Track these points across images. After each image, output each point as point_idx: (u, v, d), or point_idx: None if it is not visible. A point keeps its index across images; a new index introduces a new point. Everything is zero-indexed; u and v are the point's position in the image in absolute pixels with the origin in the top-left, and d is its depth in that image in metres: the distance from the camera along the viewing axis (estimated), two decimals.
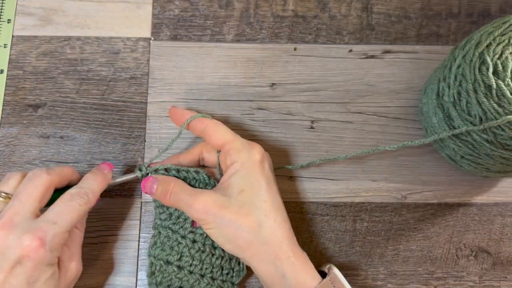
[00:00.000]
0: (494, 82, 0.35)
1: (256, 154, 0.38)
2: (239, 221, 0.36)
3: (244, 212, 0.36)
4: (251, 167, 0.38)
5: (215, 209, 0.36)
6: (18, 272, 0.33)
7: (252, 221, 0.36)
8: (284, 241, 0.36)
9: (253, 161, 0.38)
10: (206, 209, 0.36)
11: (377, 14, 0.50)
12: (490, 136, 0.36)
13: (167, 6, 0.49)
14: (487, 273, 0.44)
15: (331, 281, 0.36)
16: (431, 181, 0.46)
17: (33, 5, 0.48)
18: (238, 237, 0.36)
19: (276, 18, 0.49)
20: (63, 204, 0.36)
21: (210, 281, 0.40)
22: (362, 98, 0.47)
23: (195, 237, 0.40)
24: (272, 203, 0.37)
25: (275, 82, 0.48)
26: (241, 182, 0.37)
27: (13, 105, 0.46)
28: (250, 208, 0.36)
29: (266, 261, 0.36)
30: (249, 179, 0.37)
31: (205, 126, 0.40)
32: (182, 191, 0.38)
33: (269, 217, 0.36)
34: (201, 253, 0.40)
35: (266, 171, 0.38)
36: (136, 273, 0.43)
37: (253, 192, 0.37)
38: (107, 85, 0.47)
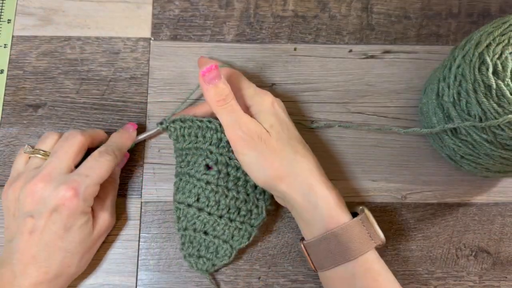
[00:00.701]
0: (494, 82, 0.35)
1: (268, 97, 0.40)
2: (278, 152, 0.38)
3: (281, 145, 0.38)
4: (268, 107, 0.40)
5: (262, 135, 0.38)
6: (56, 219, 0.37)
7: (287, 154, 0.38)
8: (316, 173, 0.38)
9: (267, 104, 0.40)
10: (255, 131, 0.38)
11: (377, 14, 0.50)
12: (490, 136, 0.36)
13: (167, 6, 0.49)
14: (487, 273, 0.44)
15: (362, 220, 0.37)
16: (431, 181, 0.46)
17: (33, 5, 0.48)
18: (275, 166, 0.37)
19: (276, 18, 0.49)
20: (93, 160, 0.39)
21: (228, 222, 0.41)
22: (362, 98, 0.47)
23: (208, 178, 0.41)
24: (297, 139, 0.40)
25: (275, 82, 0.48)
26: (268, 118, 0.39)
27: (13, 105, 0.46)
28: (284, 143, 0.38)
29: (301, 192, 0.37)
30: (269, 119, 0.39)
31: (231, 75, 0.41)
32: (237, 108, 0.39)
33: (299, 153, 0.38)
34: (215, 194, 0.41)
35: (278, 112, 0.40)
36: (136, 273, 0.43)
37: (280, 129, 0.39)
38: (107, 85, 0.47)
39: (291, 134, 0.39)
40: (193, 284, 0.43)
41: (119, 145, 0.42)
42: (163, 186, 0.45)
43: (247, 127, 0.38)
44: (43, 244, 0.37)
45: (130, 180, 0.45)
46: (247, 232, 0.42)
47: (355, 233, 0.36)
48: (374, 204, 0.45)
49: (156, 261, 0.43)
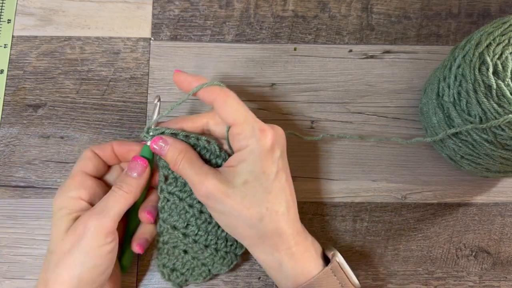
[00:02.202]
0: (494, 82, 0.35)
1: (267, 141, 0.35)
2: (240, 212, 0.35)
3: (246, 204, 0.35)
4: (259, 156, 0.35)
5: (217, 195, 0.35)
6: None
7: (252, 214, 0.35)
8: (285, 232, 0.36)
9: (262, 150, 0.35)
10: (208, 195, 0.35)
11: (377, 14, 0.50)
12: (490, 136, 0.36)
13: (167, 6, 0.49)
14: (487, 273, 0.44)
15: (332, 269, 0.36)
16: (431, 181, 0.46)
17: (33, 5, 0.48)
18: (238, 226, 0.36)
19: (276, 18, 0.49)
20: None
21: (214, 252, 0.39)
22: (362, 98, 0.47)
23: (202, 207, 0.39)
24: (277, 194, 0.36)
25: (275, 82, 0.48)
26: (246, 173, 0.35)
27: (13, 105, 0.46)
28: (252, 201, 0.35)
29: (265, 251, 0.36)
30: (256, 170, 0.35)
31: (214, 99, 0.36)
32: (190, 166, 0.36)
33: (271, 210, 0.35)
34: (208, 224, 0.39)
35: (276, 159, 0.36)
36: (136, 273, 0.43)
37: (258, 184, 0.35)
38: (107, 85, 0.47)
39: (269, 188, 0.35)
40: (193, 285, 0.43)
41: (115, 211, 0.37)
42: None
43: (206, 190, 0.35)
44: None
45: None
46: (230, 261, 0.40)
47: (325, 286, 0.35)
48: (374, 204, 0.45)
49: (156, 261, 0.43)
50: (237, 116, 0.36)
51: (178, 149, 0.37)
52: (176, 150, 0.37)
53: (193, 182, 0.36)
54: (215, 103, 0.36)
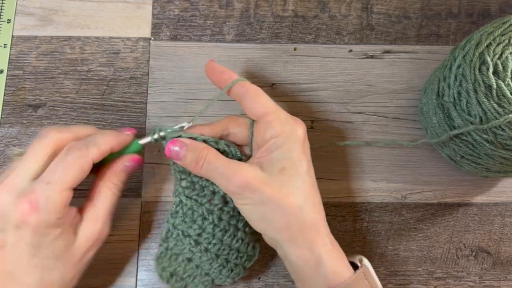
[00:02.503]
0: (494, 82, 0.35)
1: (300, 130, 0.35)
2: (280, 201, 0.33)
3: (285, 192, 0.33)
4: (293, 143, 0.34)
5: (255, 184, 0.33)
6: (22, 235, 0.32)
7: (293, 202, 0.33)
8: (322, 225, 0.35)
9: (297, 137, 0.34)
10: (245, 183, 0.33)
11: (377, 14, 0.50)
12: (490, 136, 0.36)
13: (167, 6, 0.49)
14: (487, 273, 0.44)
15: (364, 273, 0.35)
16: (431, 181, 0.46)
17: (33, 5, 0.48)
18: (276, 217, 0.34)
19: (276, 18, 0.49)
20: (58, 161, 0.33)
21: (224, 262, 0.38)
22: (362, 98, 0.47)
23: (222, 215, 0.37)
24: (311, 185, 0.35)
25: (275, 82, 0.48)
26: (283, 159, 0.34)
27: (13, 105, 0.46)
28: (292, 189, 0.34)
29: (303, 245, 0.34)
30: (291, 157, 0.34)
31: (245, 91, 0.36)
32: (217, 160, 0.34)
33: (308, 199, 0.34)
34: (224, 233, 0.37)
35: (307, 150, 0.36)
36: (136, 273, 0.43)
37: (294, 172, 0.34)
38: (107, 85, 0.47)
39: (304, 178, 0.35)
40: None
41: (97, 140, 0.35)
42: (163, 186, 0.44)
43: (242, 178, 0.33)
44: (15, 260, 0.32)
45: (130, 180, 0.45)
46: (237, 274, 0.39)
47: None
48: (374, 204, 0.45)
49: None
50: (269, 105, 0.35)
51: (199, 147, 0.35)
52: (197, 149, 0.35)
53: (225, 173, 0.34)
54: (247, 95, 0.36)
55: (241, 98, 0.36)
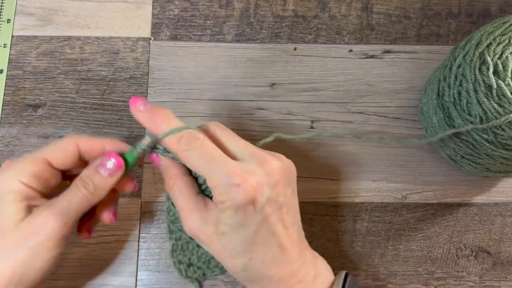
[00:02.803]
0: (494, 82, 0.35)
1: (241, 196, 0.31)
2: (223, 259, 0.34)
3: (227, 254, 0.33)
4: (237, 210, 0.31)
5: (200, 237, 0.33)
6: None
7: (236, 264, 0.33)
8: (274, 277, 0.33)
9: (238, 205, 0.31)
10: (192, 233, 0.34)
11: (377, 14, 0.50)
12: (491, 136, 0.36)
13: (167, 6, 0.49)
14: (487, 273, 0.44)
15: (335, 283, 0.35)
16: (431, 181, 0.46)
17: (33, 5, 0.48)
18: (225, 267, 0.35)
19: (276, 18, 0.49)
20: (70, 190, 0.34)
21: None
22: (362, 98, 0.47)
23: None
24: (264, 242, 0.33)
25: (275, 82, 0.48)
26: (225, 224, 0.32)
27: (13, 105, 0.46)
28: (233, 252, 0.33)
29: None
30: (234, 223, 0.32)
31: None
32: (179, 195, 0.34)
33: (255, 259, 0.33)
34: None
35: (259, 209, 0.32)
36: (136, 273, 0.43)
37: (237, 237, 0.32)
38: (107, 85, 0.47)
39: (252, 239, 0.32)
40: (193, 285, 0.43)
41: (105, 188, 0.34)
42: (163, 186, 0.44)
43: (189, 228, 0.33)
44: None
45: None
46: None
47: None
48: (374, 204, 0.45)
49: (156, 261, 0.43)
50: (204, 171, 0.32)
51: (169, 174, 0.35)
52: (168, 174, 0.35)
53: (181, 214, 0.34)
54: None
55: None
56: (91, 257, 0.42)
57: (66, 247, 0.34)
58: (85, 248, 0.43)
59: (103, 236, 0.43)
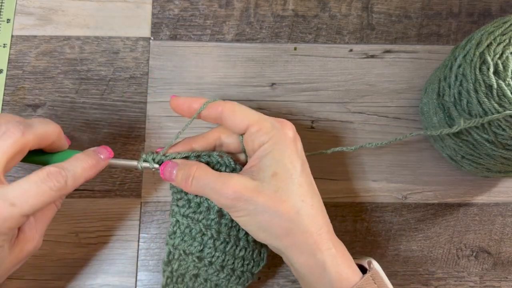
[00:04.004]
0: (494, 82, 0.35)
1: (288, 131, 0.34)
2: (275, 207, 0.32)
3: (280, 197, 0.32)
4: (283, 146, 0.33)
5: (247, 195, 0.32)
6: None
7: (289, 208, 0.32)
8: (324, 229, 0.34)
9: (286, 139, 0.34)
10: (237, 195, 0.32)
11: (377, 13, 0.50)
12: (491, 136, 0.36)
13: (167, 5, 0.49)
14: (488, 273, 0.44)
15: (373, 277, 0.34)
16: (431, 181, 0.46)
17: (32, 4, 0.48)
18: (274, 225, 0.33)
19: (276, 17, 0.49)
20: (33, 184, 0.31)
21: (230, 272, 0.37)
22: (362, 98, 0.47)
23: (221, 228, 0.37)
24: (308, 187, 0.34)
25: (275, 82, 0.47)
26: (273, 164, 0.33)
27: (13, 105, 0.46)
28: (286, 193, 0.33)
29: (306, 251, 0.33)
30: (282, 161, 0.33)
31: (222, 110, 0.35)
32: (206, 175, 0.34)
33: (306, 202, 0.33)
34: (226, 245, 0.37)
35: (299, 151, 0.34)
36: (136, 273, 0.43)
37: (287, 175, 0.33)
38: (107, 85, 0.47)
39: (300, 180, 0.34)
40: None
41: (76, 172, 0.33)
42: (163, 186, 0.44)
43: (233, 190, 0.32)
44: None
45: (130, 180, 0.44)
46: (246, 280, 0.38)
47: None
48: (375, 204, 0.45)
49: (156, 262, 0.43)
50: (250, 117, 0.34)
51: (188, 166, 0.35)
52: (186, 166, 0.35)
53: (216, 187, 0.33)
54: (224, 114, 0.35)
55: (220, 119, 0.35)
56: (91, 257, 0.42)
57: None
58: (85, 248, 0.43)
59: (102, 236, 0.43)
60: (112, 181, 0.44)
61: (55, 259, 0.42)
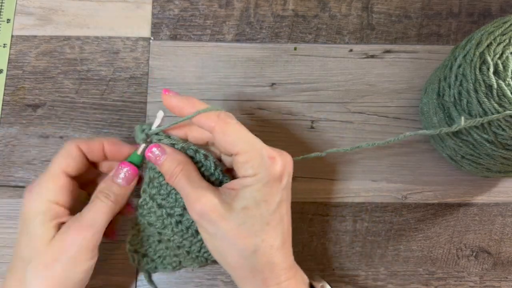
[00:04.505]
0: (494, 82, 0.35)
1: (277, 169, 0.33)
2: (234, 240, 0.32)
3: (242, 232, 0.32)
4: (265, 186, 0.32)
5: (213, 217, 0.32)
6: None
7: (247, 245, 0.32)
8: (277, 266, 0.33)
9: (270, 178, 0.33)
10: (203, 214, 0.33)
11: (377, 13, 0.50)
12: (491, 136, 0.36)
13: (167, 5, 0.49)
14: (488, 273, 0.44)
15: None
16: (431, 181, 0.46)
17: (32, 4, 0.48)
18: (230, 254, 0.33)
19: (276, 17, 0.49)
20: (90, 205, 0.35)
21: (185, 253, 0.38)
22: (362, 98, 0.47)
23: (183, 219, 0.37)
24: (275, 226, 0.33)
25: (275, 82, 0.47)
26: (248, 198, 0.32)
27: (13, 105, 0.46)
28: (249, 230, 0.32)
29: (253, 285, 0.34)
30: (259, 197, 0.32)
31: (213, 128, 0.33)
32: (188, 180, 0.34)
33: (266, 242, 0.33)
34: (184, 233, 0.37)
35: (282, 188, 0.34)
36: (136, 273, 0.43)
37: (258, 213, 0.32)
38: (107, 85, 0.47)
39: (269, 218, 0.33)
40: (193, 285, 0.43)
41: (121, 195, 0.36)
42: None
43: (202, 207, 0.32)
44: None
45: None
46: (201, 261, 0.38)
47: None
48: (375, 204, 0.45)
49: None
50: (241, 145, 0.33)
51: (176, 160, 0.35)
52: (175, 161, 0.34)
53: (189, 197, 0.33)
54: (214, 133, 0.34)
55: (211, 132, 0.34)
56: None
57: (97, 256, 0.35)
58: None
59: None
60: None
61: None
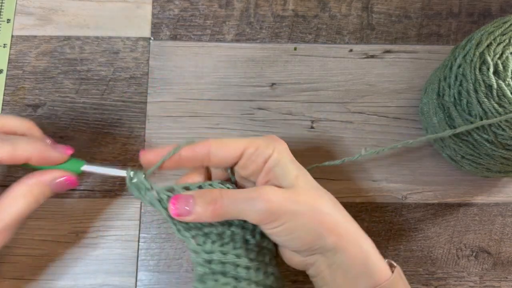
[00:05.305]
0: (494, 82, 0.35)
1: (282, 143, 0.34)
2: (316, 204, 0.32)
3: (316, 193, 0.32)
4: (288, 154, 0.33)
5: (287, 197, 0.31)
6: None
7: (325, 202, 0.32)
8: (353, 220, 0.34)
9: (286, 148, 0.34)
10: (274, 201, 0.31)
11: (377, 13, 0.50)
12: (491, 136, 0.36)
13: (167, 5, 0.49)
14: (488, 273, 0.44)
15: (399, 273, 0.34)
16: (431, 181, 0.46)
17: (32, 4, 0.48)
18: (321, 221, 0.32)
19: (276, 17, 0.49)
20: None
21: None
22: (362, 98, 0.47)
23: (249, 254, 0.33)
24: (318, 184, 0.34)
25: (275, 82, 0.47)
26: (292, 168, 0.32)
27: (13, 105, 0.46)
28: (317, 190, 0.33)
29: (352, 243, 0.32)
30: (296, 163, 0.33)
31: (209, 147, 0.33)
32: (234, 191, 0.32)
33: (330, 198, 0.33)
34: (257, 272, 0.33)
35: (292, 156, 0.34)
36: (136, 273, 0.43)
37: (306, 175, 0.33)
38: (107, 85, 0.47)
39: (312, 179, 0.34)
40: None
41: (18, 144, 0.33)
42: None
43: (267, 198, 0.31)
44: None
45: None
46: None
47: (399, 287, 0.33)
48: (375, 204, 0.45)
49: (156, 262, 0.43)
50: (242, 142, 0.33)
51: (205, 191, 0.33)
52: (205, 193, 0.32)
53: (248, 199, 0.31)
54: (213, 149, 0.33)
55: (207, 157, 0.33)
56: (91, 257, 0.42)
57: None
58: (85, 248, 0.43)
59: (102, 236, 0.43)
60: (112, 181, 0.44)
61: (55, 259, 0.42)
